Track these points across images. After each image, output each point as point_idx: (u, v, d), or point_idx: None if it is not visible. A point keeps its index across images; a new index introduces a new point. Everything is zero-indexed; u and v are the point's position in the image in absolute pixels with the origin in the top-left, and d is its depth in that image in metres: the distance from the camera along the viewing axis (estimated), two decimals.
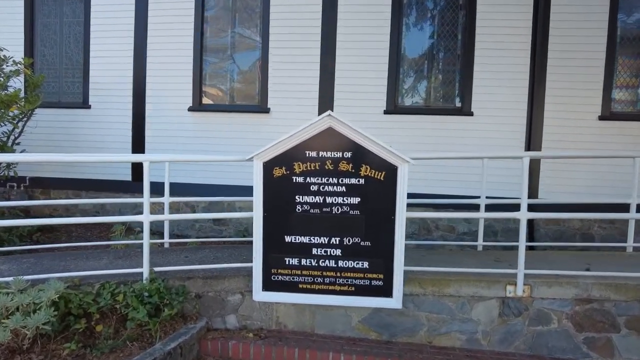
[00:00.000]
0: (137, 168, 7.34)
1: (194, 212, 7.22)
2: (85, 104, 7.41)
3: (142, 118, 7.34)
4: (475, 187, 6.30)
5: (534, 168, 6.64)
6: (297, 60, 6.88)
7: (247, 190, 3.41)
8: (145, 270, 3.44)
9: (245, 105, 7.15)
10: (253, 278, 3.40)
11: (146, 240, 3.43)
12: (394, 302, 3.33)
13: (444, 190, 6.44)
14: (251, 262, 3.42)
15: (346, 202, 3.26)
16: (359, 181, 3.23)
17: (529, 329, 3.44)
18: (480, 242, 4.34)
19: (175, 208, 7.27)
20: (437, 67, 6.92)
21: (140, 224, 3.45)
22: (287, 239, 3.34)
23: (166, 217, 3.91)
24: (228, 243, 5.03)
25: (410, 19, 6.91)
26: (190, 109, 7.14)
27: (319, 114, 6.72)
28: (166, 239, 4.42)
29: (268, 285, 3.41)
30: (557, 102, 6.57)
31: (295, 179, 3.28)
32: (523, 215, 3.32)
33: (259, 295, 3.42)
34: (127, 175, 7.48)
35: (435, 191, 6.34)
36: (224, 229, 7.17)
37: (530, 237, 6.64)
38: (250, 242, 3.43)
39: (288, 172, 3.27)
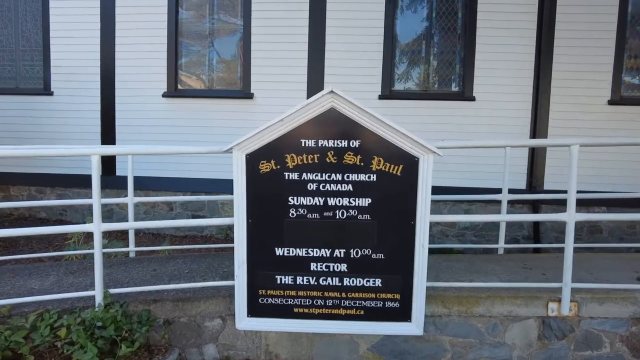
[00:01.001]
0: (108, 160, 6.41)
1: (171, 209, 6.36)
2: (47, 91, 6.41)
3: (111, 105, 6.38)
4: (487, 178, 5.64)
5: (540, 157, 5.97)
6: (283, 40, 6.01)
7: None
8: (97, 293, 2.59)
9: (226, 91, 6.26)
10: (235, 301, 2.59)
11: (98, 256, 2.58)
12: (414, 327, 2.57)
13: (454, 182, 5.75)
14: (233, 277, 2.61)
15: (353, 204, 2.46)
16: (369, 177, 2.44)
17: (574, 354, 2.73)
18: (501, 245, 3.60)
19: (150, 205, 6.38)
20: (435, 49, 6.13)
21: (111, 220, 2.59)
22: (278, 251, 2.54)
23: (128, 225, 3.02)
24: (204, 251, 4.17)
25: None
26: (164, 95, 6.23)
27: (308, 96, 5.90)
28: (131, 247, 3.56)
29: (255, 310, 2.61)
30: (564, 86, 5.88)
31: (288, 176, 2.46)
32: (571, 217, 2.59)
33: (243, 322, 2.61)
34: None
35: (443, 183, 5.56)
36: (205, 227, 6.32)
37: (536, 230, 5.99)
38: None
39: (279, 166, 2.46)
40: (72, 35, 6.31)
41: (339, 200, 2.47)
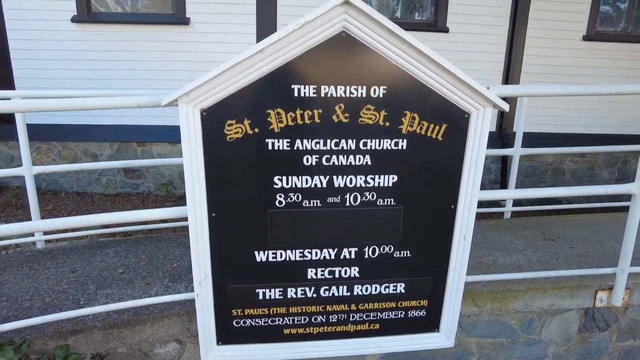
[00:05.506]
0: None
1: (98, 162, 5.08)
2: None
3: (1, 33, 4.72)
4: None
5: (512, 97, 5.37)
6: None
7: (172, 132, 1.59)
8: None
9: (155, 15, 4.82)
10: (198, 326, 1.69)
11: None
12: (442, 338, 1.86)
13: None
14: (187, 278, 1.70)
15: (372, 184, 1.58)
16: (397, 145, 1.54)
17: (616, 345, 2.22)
18: (509, 208, 2.94)
19: (71, 158, 5.05)
20: None
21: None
22: (260, 256, 1.63)
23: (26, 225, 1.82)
24: (143, 234, 3.04)
25: None
26: (74, 20, 4.68)
27: (258, 25, 4.68)
28: (38, 237, 2.43)
29: (228, 336, 1.74)
30: (540, 18, 5.18)
31: (273, 144, 1.49)
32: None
33: (213, 354, 1.74)
34: None
35: None
36: (140, 183, 5.16)
37: (503, 174, 5.55)
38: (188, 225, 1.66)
39: (257, 129, 1.47)
40: None
41: (351, 180, 1.56)
